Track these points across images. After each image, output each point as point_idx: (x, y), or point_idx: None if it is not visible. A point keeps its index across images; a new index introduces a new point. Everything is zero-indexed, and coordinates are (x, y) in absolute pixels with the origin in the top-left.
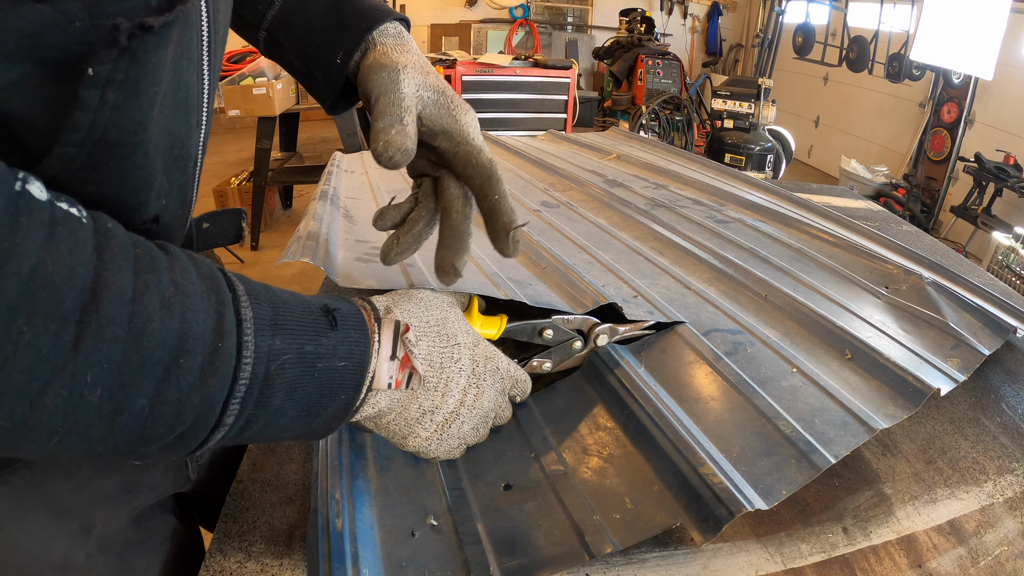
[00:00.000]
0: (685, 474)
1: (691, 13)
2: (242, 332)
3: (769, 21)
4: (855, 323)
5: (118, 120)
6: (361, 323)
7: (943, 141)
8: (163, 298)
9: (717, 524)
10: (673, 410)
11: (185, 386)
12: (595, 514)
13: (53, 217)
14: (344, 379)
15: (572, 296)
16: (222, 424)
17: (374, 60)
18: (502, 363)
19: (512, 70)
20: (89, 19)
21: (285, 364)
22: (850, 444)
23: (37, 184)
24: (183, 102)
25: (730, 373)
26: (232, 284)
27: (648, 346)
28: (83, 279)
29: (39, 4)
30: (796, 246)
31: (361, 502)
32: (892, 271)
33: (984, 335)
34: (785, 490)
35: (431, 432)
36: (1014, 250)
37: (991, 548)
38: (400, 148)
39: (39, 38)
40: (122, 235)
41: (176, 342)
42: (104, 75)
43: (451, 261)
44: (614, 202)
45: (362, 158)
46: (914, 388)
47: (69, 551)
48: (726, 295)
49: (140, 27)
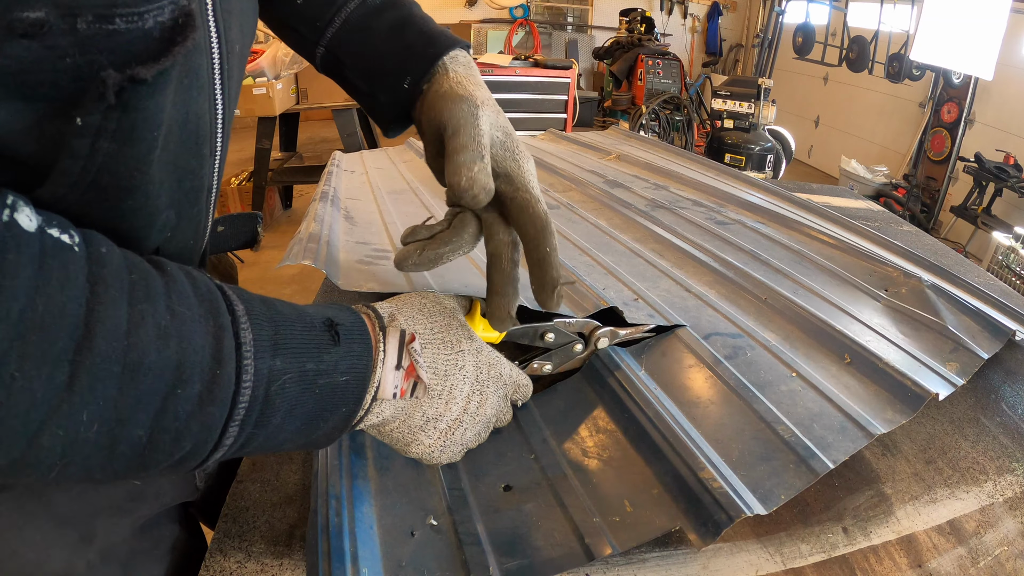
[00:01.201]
0: (685, 478)
1: (691, 13)
2: (241, 356)
3: (769, 21)
4: (854, 327)
5: (112, 166)
6: (364, 335)
7: (943, 141)
8: (159, 328)
9: (716, 529)
10: (673, 413)
11: (183, 415)
12: (595, 516)
13: (43, 248)
14: (345, 393)
15: (573, 299)
16: (221, 445)
17: (450, 89)
18: (504, 369)
19: (512, 70)
20: (81, 55)
21: (286, 384)
22: (848, 449)
23: (26, 210)
24: (193, 133)
25: (730, 377)
26: (232, 305)
27: (648, 349)
28: (75, 316)
29: (26, 40)
30: (796, 248)
31: (361, 501)
32: (891, 274)
33: (983, 339)
34: (784, 495)
35: (435, 439)
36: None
37: (991, 548)
38: (484, 187)
39: (27, 75)
40: (116, 261)
41: (174, 372)
42: (94, 125)
43: (507, 310)
44: (614, 203)
45: (361, 158)
46: (912, 393)
47: (70, 560)
48: (726, 298)
49: (130, 80)
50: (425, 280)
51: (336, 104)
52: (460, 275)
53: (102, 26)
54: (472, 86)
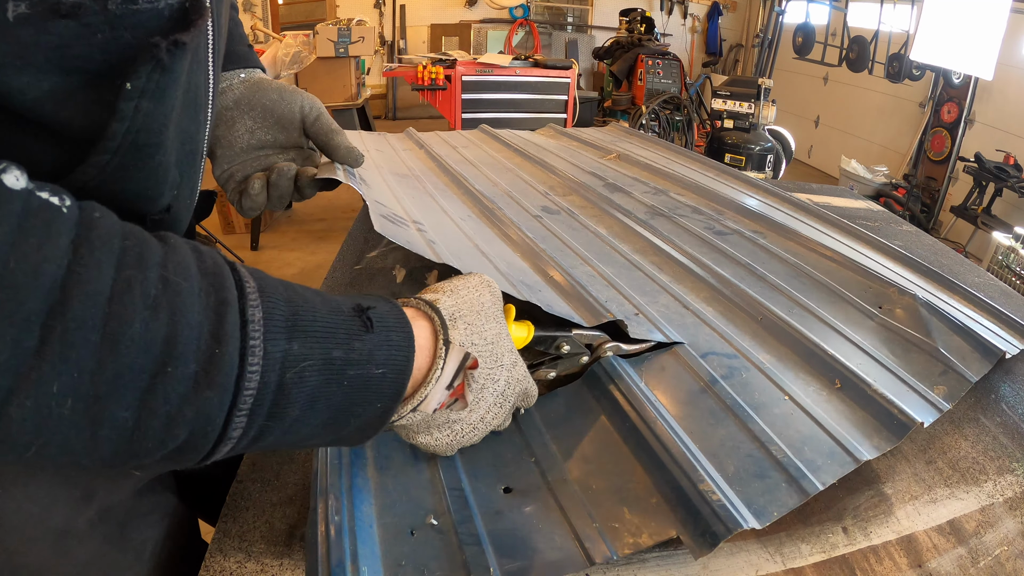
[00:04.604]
0: (684, 489)
1: (691, 13)
2: (247, 335)
3: (769, 21)
4: (846, 348)
5: (148, 124)
6: (402, 323)
7: (943, 141)
8: (148, 297)
9: (714, 540)
10: (672, 426)
11: (175, 397)
12: (594, 521)
13: (27, 208)
14: (381, 387)
15: (579, 309)
16: (227, 438)
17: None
18: (526, 384)
19: (512, 70)
20: (110, 31)
21: (305, 371)
22: (836, 473)
23: (14, 173)
24: (193, 101)
25: (726, 396)
26: (241, 280)
27: (648, 362)
28: (51, 277)
29: (65, 19)
30: (793, 262)
31: (360, 500)
32: (886, 290)
33: (973, 360)
34: (776, 512)
35: (446, 437)
36: (1014, 250)
37: (991, 548)
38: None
39: (66, 50)
40: (109, 226)
41: (162, 347)
42: (140, 87)
43: (347, 146)
44: (614, 210)
45: (360, 136)
46: (898, 421)
47: (70, 516)
48: (723, 316)
49: (174, 43)
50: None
51: (336, 104)
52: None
53: (128, 6)
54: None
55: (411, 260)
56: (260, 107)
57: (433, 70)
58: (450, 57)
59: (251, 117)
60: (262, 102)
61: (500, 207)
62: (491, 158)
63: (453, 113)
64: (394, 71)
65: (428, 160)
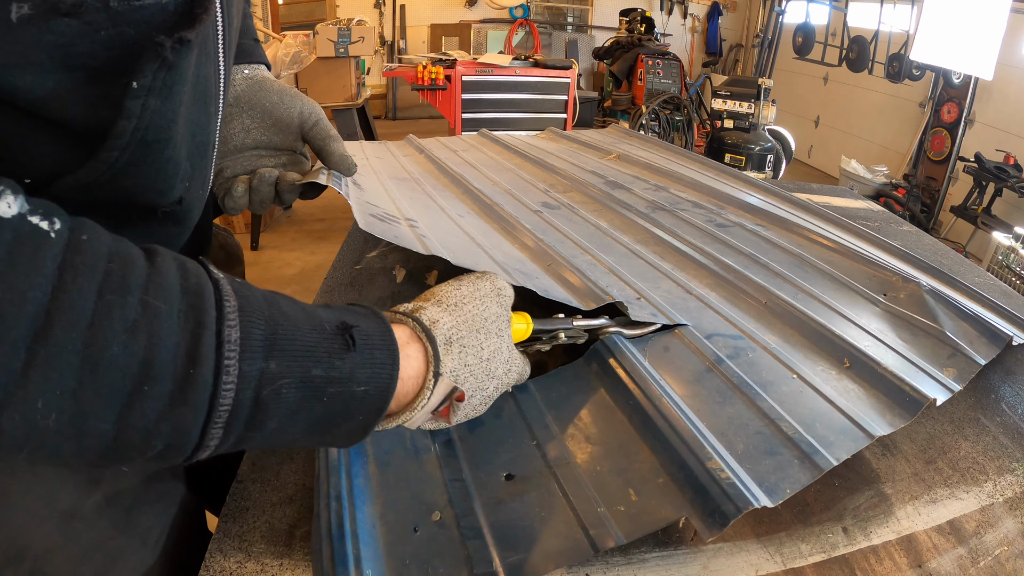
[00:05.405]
0: (692, 468)
1: (691, 13)
2: (222, 356)
3: (769, 21)
4: (853, 331)
5: (157, 121)
6: (388, 341)
7: (943, 141)
8: (127, 321)
9: (724, 520)
10: (678, 403)
11: (151, 413)
12: (599, 506)
13: (17, 236)
14: (364, 404)
15: (578, 293)
16: (204, 446)
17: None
18: (516, 376)
19: (512, 70)
20: (113, 28)
21: (282, 388)
22: (851, 448)
23: (9, 199)
24: (203, 93)
25: (732, 375)
26: (222, 300)
27: (651, 343)
28: (37, 303)
29: (66, 18)
30: (796, 252)
31: (362, 500)
32: (890, 278)
33: (980, 344)
34: (789, 489)
35: (430, 423)
36: (1014, 250)
37: (991, 548)
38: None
39: (69, 48)
40: (95, 249)
41: (140, 368)
42: (146, 86)
43: (341, 153)
44: (615, 204)
45: (361, 147)
46: (911, 398)
47: (77, 499)
48: (727, 300)
49: (179, 41)
50: (437, 248)
51: (336, 104)
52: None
53: (130, 2)
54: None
55: (411, 260)
56: (260, 107)
57: (433, 70)
58: (450, 57)
59: (249, 116)
60: (262, 103)
61: (499, 204)
62: (491, 159)
63: (453, 113)
64: (394, 71)
65: (428, 164)
